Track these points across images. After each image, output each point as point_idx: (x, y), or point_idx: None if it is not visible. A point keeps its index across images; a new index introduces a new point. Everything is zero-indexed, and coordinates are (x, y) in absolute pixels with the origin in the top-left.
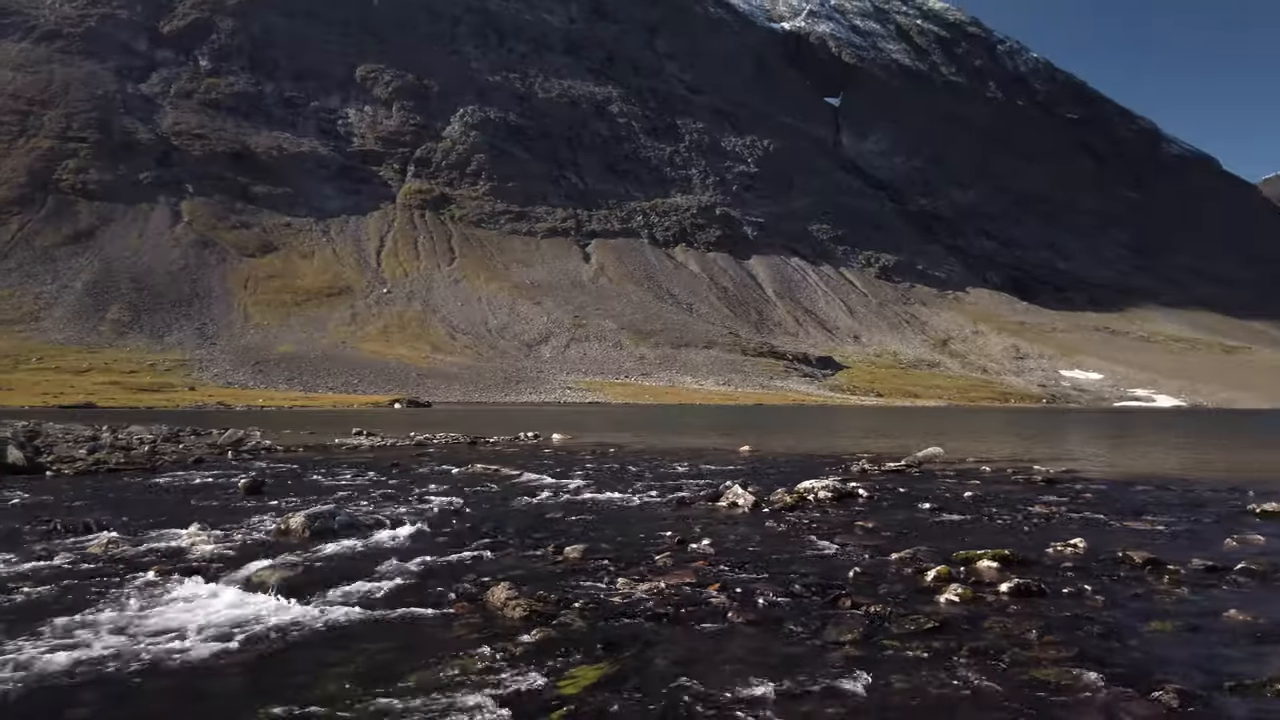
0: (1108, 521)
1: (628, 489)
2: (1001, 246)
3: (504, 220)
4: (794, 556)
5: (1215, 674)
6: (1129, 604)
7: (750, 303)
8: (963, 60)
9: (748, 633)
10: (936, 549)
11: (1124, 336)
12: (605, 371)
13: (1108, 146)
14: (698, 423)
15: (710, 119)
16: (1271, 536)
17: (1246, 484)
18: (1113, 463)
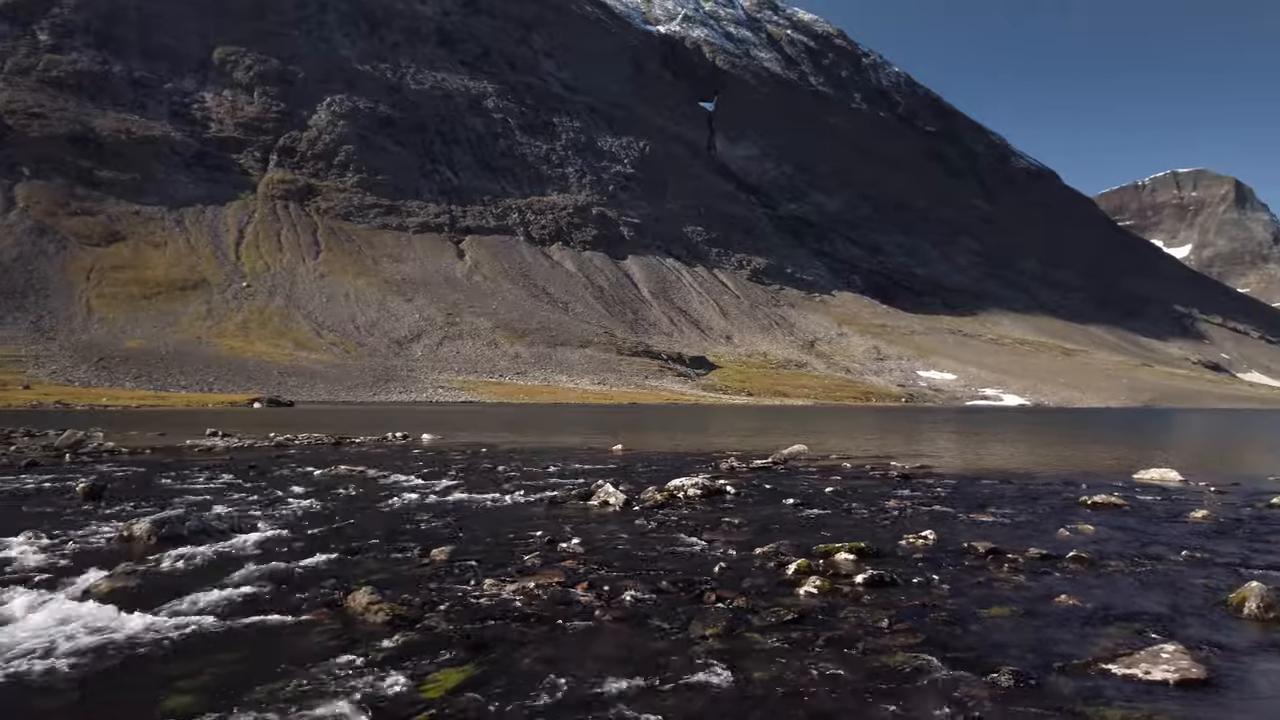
0: (956, 514)
1: (498, 489)
2: (865, 252)
3: (374, 214)
4: (662, 553)
5: (1046, 655)
6: (972, 591)
7: (626, 302)
8: (830, 71)
9: (615, 630)
10: (798, 543)
11: (976, 339)
12: (479, 370)
13: (961, 159)
14: (572, 422)
15: (587, 118)
16: (1100, 526)
17: (1080, 478)
18: (962, 458)
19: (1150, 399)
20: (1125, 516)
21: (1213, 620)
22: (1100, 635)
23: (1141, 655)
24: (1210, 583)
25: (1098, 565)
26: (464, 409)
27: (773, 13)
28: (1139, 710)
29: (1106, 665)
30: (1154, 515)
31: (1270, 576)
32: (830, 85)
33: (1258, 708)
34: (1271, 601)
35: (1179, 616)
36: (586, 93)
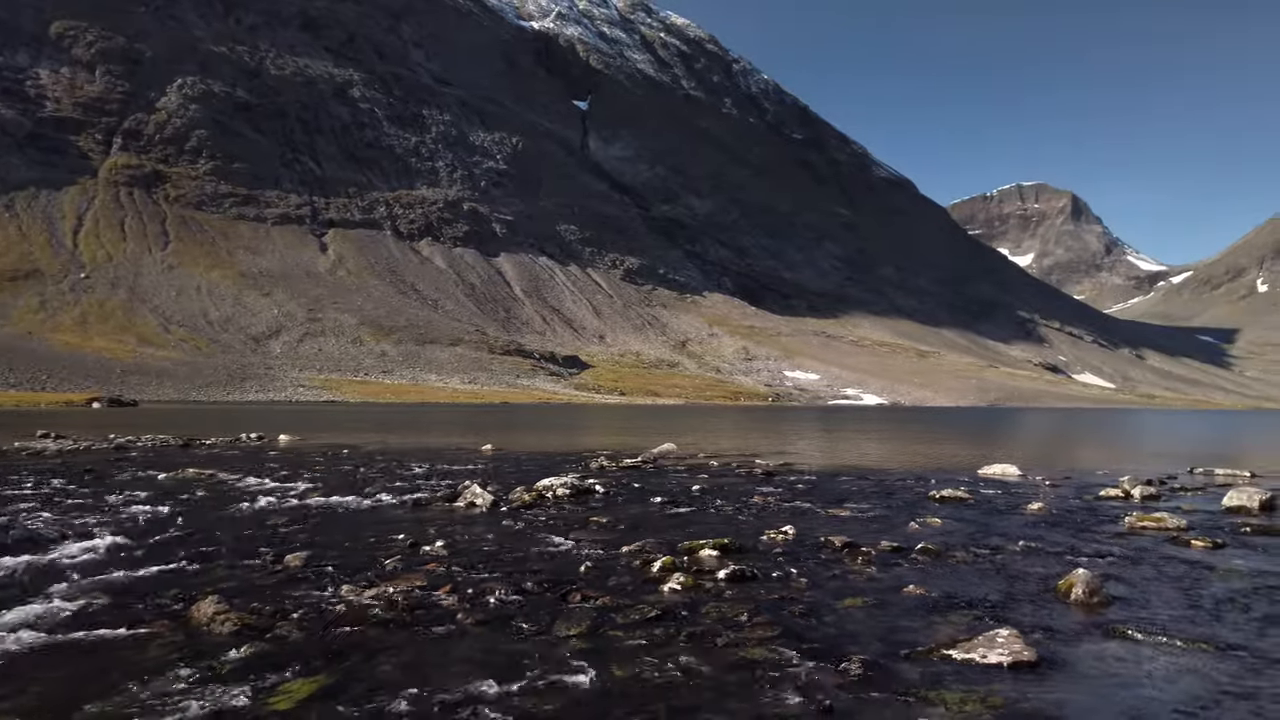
0: (815, 509)
1: (360, 492)
2: (734, 254)
3: (229, 204)
4: (529, 554)
5: (895, 643)
6: (828, 584)
7: (498, 300)
8: (702, 75)
9: (477, 633)
10: (664, 541)
11: (838, 341)
12: (343, 369)
13: (826, 166)
14: (441, 422)
15: (459, 112)
16: (947, 519)
17: (930, 473)
18: (823, 456)
19: (996, 398)
20: (970, 509)
21: (1043, 606)
22: (943, 622)
23: (979, 640)
24: (1043, 570)
25: (943, 556)
26: (326, 409)
27: (646, 15)
28: (975, 692)
29: (948, 651)
30: (995, 508)
31: (1095, 564)
32: (702, 90)
33: (1080, 686)
34: (1095, 587)
35: (1014, 603)
36: (458, 86)
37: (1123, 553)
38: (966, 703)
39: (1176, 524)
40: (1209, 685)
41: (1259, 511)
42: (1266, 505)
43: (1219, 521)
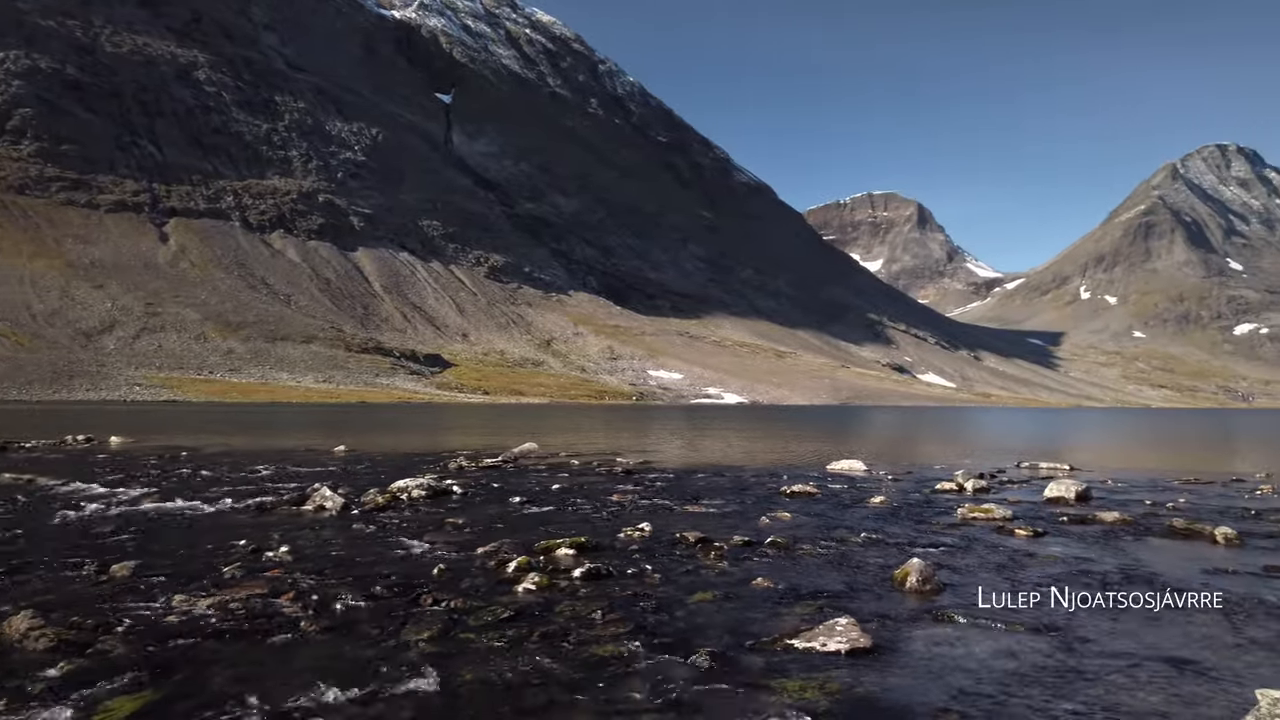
0: (672, 506)
1: (198, 496)
2: (600, 254)
3: (56, 188)
4: (380, 558)
5: (742, 635)
6: (681, 579)
7: (355, 296)
8: (568, 74)
9: (321, 640)
10: (521, 541)
11: (701, 341)
12: (185, 367)
13: (690, 170)
14: (292, 422)
15: (314, 100)
16: (796, 513)
17: (783, 469)
18: (683, 454)
19: (847, 397)
20: (818, 504)
21: (881, 594)
22: (788, 613)
23: (820, 629)
24: (882, 561)
25: (791, 549)
26: (166, 409)
27: (511, 10)
28: (815, 679)
29: (791, 640)
30: (841, 502)
31: (929, 553)
32: (568, 89)
33: (910, 669)
34: (928, 575)
35: (854, 592)
36: (313, 72)
37: (954, 542)
38: (806, 689)
39: (1003, 514)
40: (1025, 664)
41: (1075, 502)
42: (1082, 496)
43: (1040, 511)
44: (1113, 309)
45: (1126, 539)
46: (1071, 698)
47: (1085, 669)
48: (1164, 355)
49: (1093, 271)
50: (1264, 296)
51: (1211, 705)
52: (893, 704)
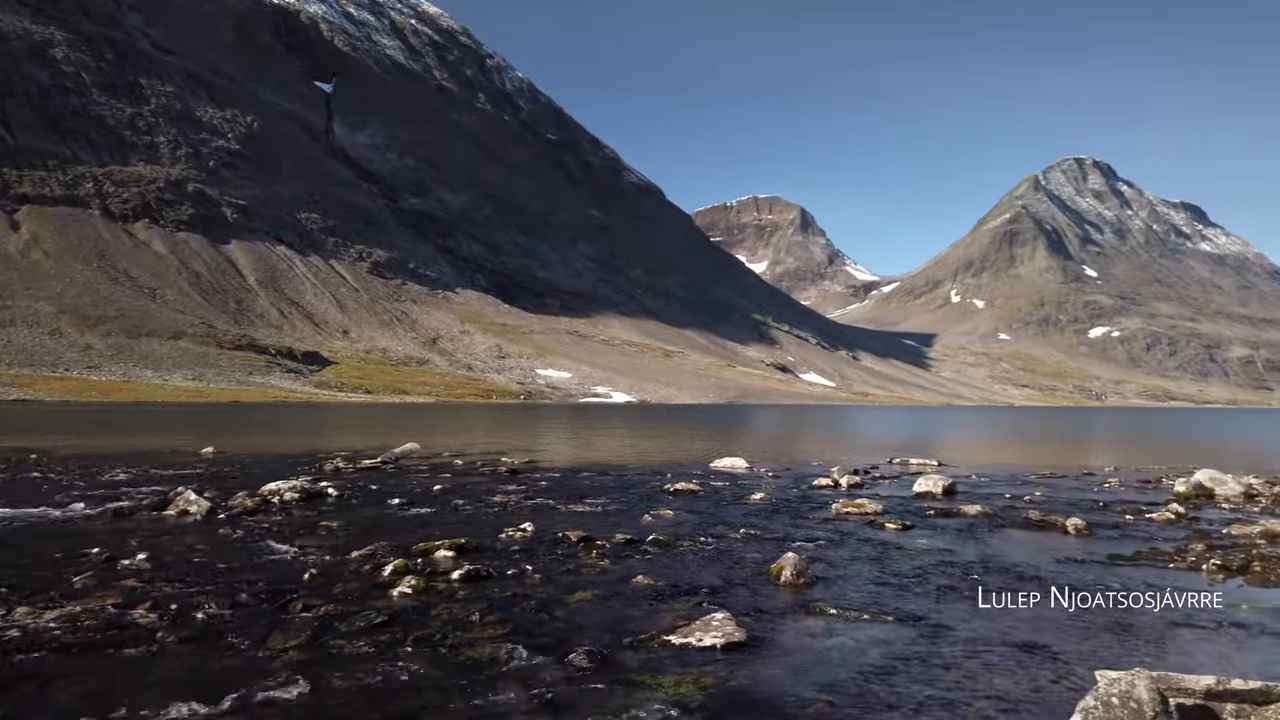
0: (556, 506)
1: (47, 501)
2: (488, 251)
3: None
4: (247, 564)
5: (620, 632)
6: (562, 579)
7: (228, 291)
8: (455, 67)
9: (180, 652)
10: (398, 543)
11: (590, 340)
12: (38, 364)
13: (580, 169)
14: (156, 423)
15: (184, 84)
16: (678, 510)
17: (667, 467)
18: (569, 453)
19: (733, 396)
20: (700, 501)
21: (757, 588)
22: (667, 610)
23: (696, 625)
24: (759, 556)
25: (672, 546)
26: (14, 409)
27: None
28: (690, 674)
29: (668, 637)
30: (723, 499)
31: (804, 547)
32: (455, 82)
33: (782, 661)
34: (802, 569)
35: (731, 587)
36: (182, 55)
37: (829, 536)
38: (681, 685)
39: (875, 509)
40: (890, 652)
41: (941, 496)
42: (948, 490)
43: (910, 506)
44: (980, 312)
45: (987, 531)
46: (932, 684)
47: (945, 656)
48: (1026, 356)
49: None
50: (1116, 302)
51: (1058, 687)
52: (764, 696)
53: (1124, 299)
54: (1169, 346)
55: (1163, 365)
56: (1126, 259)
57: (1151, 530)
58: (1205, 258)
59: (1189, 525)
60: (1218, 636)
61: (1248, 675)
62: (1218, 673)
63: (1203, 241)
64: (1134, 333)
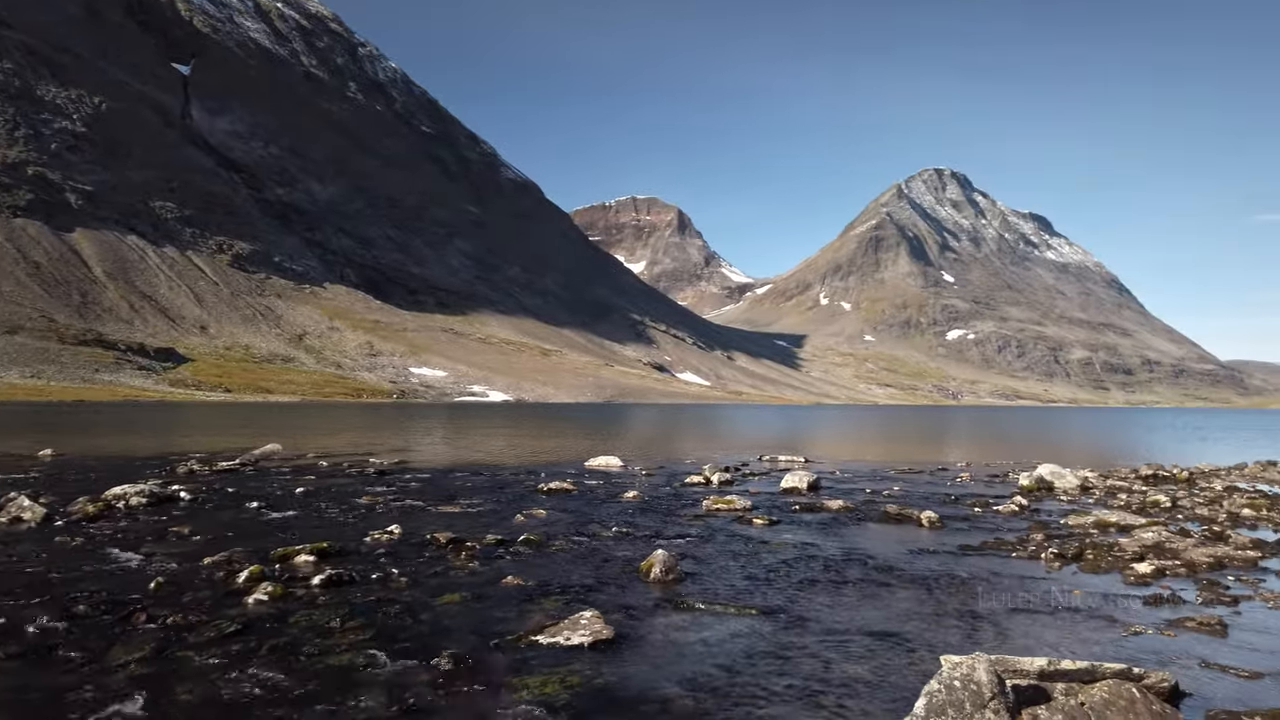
0: (425, 507)
1: None
2: (359, 245)
3: None
4: (86, 573)
5: (488, 634)
6: (429, 581)
7: (71, 282)
8: (324, 55)
9: (9, 669)
10: (255, 549)
11: (466, 338)
12: None
13: (456, 163)
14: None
15: (22, 60)
16: (552, 510)
17: (542, 467)
18: (442, 453)
19: (611, 395)
20: (574, 500)
21: (626, 586)
22: (536, 610)
23: (565, 624)
24: (630, 553)
25: (544, 546)
26: None
27: None
28: (557, 673)
29: (536, 637)
30: (596, 498)
31: (674, 544)
32: (325, 70)
33: (649, 657)
34: (671, 566)
35: (601, 585)
36: (21, 30)
37: (698, 533)
38: (547, 685)
39: (743, 505)
40: (754, 645)
41: (807, 491)
42: (813, 486)
43: (777, 501)
44: (848, 314)
45: (848, 524)
46: (791, 673)
47: (806, 646)
48: (889, 357)
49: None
50: (971, 306)
51: (907, 672)
52: (629, 692)
53: (978, 304)
54: (1018, 349)
55: (1012, 366)
56: (981, 265)
57: (998, 522)
58: (1051, 265)
59: (1031, 517)
60: (1053, 620)
61: (1077, 655)
62: (1052, 654)
63: (1049, 250)
64: (987, 335)
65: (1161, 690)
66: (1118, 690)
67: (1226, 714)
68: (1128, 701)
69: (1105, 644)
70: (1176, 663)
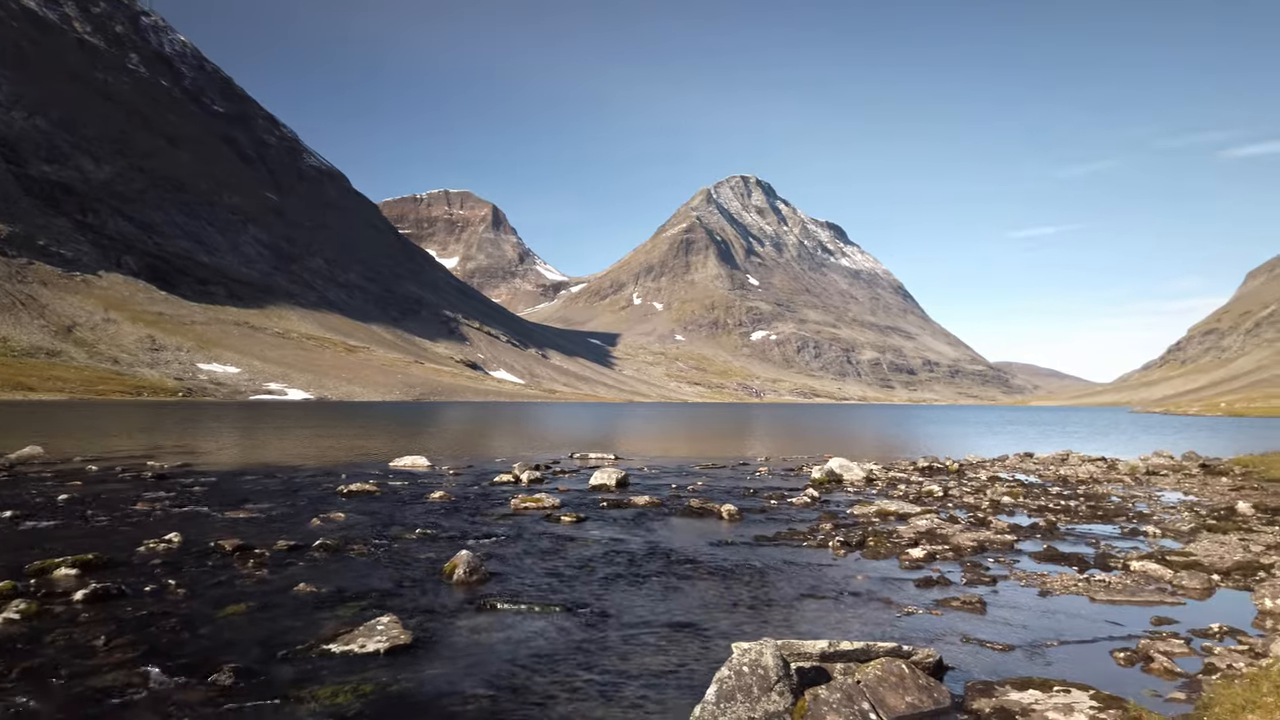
0: (210, 513)
1: None
2: (140, 231)
3: None
4: None
5: (275, 645)
6: (211, 592)
7: None
8: (102, 22)
9: None
10: (7, 563)
11: (263, 332)
12: None
13: (253, 147)
14: None
15: None
16: (351, 512)
17: (344, 468)
18: (232, 455)
19: (421, 394)
20: (376, 501)
21: (429, 589)
22: (330, 617)
23: (360, 630)
24: (434, 555)
25: (342, 550)
26: None
27: None
28: (350, 682)
29: (329, 645)
30: (401, 499)
31: (480, 544)
32: (102, 39)
33: (450, 660)
34: (476, 566)
35: (402, 589)
36: None
37: (506, 532)
38: (339, 694)
39: (552, 503)
40: (557, 643)
41: (615, 488)
42: (622, 482)
43: (586, 498)
44: (659, 314)
45: (654, 519)
46: (591, 669)
47: (608, 640)
48: (699, 356)
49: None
50: (774, 309)
51: (702, 660)
52: (427, 697)
53: (780, 306)
54: (815, 350)
55: (810, 366)
56: (783, 270)
57: (791, 513)
58: (845, 272)
59: (821, 507)
60: (838, 604)
61: (857, 637)
62: (835, 636)
63: (843, 257)
64: (788, 337)
65: (927, 665)
66: (889, 667)
67: (983, 684)
68: (898, 677)
69: (882, 624)
70: (942, 639)
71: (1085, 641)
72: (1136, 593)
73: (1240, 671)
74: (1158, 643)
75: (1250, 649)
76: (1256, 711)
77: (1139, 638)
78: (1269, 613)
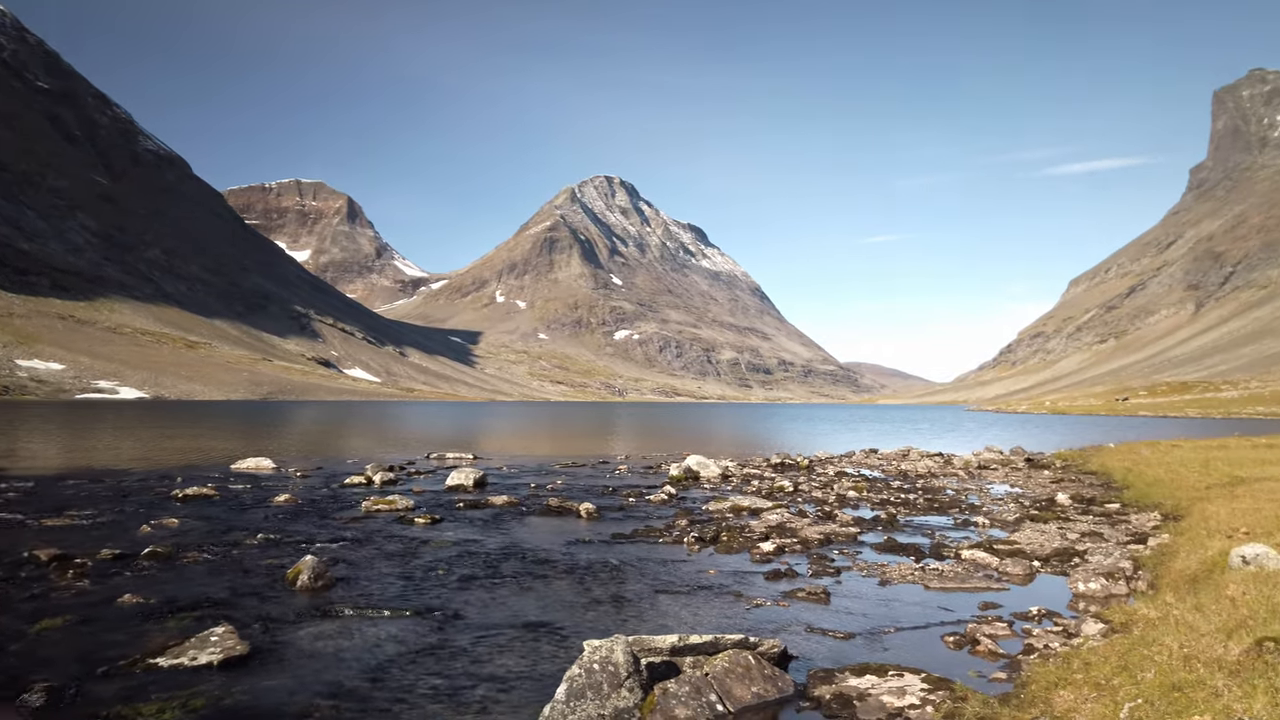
0: (25, 520)
1: None
2: None
3: None
4: None
5: (95, 661)
6: (23, 606)
7: None
8: None
9: None
10: None
11: (91, 327)
12: None
13: (82, 127)
14: None
15: None
16: (186, 518)
17: (179, 471)
18: (52, 458)
19: (269, 392)
20: (214, 506)
21: (270, 597)
22: (158, 629)
23: (191, 643)
24: (277, 561)
25: (174, 558)
26: None
27: None
28: (178, 697)
29: (156, 659)
30: (242, 502)
31: (328, 549)
32: None
33: (289, 670)
34: (321, 572)
35: (241, 598)
36: None
37: (355, 535)
38: (165, 711)
39: (406, 504)
40: (406, 647)
41: (473, 488)
42: (479, 483)
43: (441, 499)
44: (523, 312)
45: (511, 519)
46: (442, 672)
47: (459, 643)
48: (562, 355)
49: (507, 278)
50: (636, 308)
51: (556, 660)
52: (264, 709)
53: (643, 306)
54: (677, 349)
55: (671, 365)
56: (646, 270)
57: (649, 510)
58: (705, 273)
59: (678, 504)
60: (691, 599)
61: (707, 630)
62: (686, 631)
63: (704, 259)
64: (650, 336)
65: (773, 655)
66: (736, 659)
67: (824, 671)
68: (744, 668)
69: (733, 617)
70: (788, 630)
71: (919, 627)
72: (966, 580)
73: (1055, 651)
74: (984, 626)
75: (1065, 630)
76: (1067, 688)
77: (967, 622)
78: (1082, 595)
